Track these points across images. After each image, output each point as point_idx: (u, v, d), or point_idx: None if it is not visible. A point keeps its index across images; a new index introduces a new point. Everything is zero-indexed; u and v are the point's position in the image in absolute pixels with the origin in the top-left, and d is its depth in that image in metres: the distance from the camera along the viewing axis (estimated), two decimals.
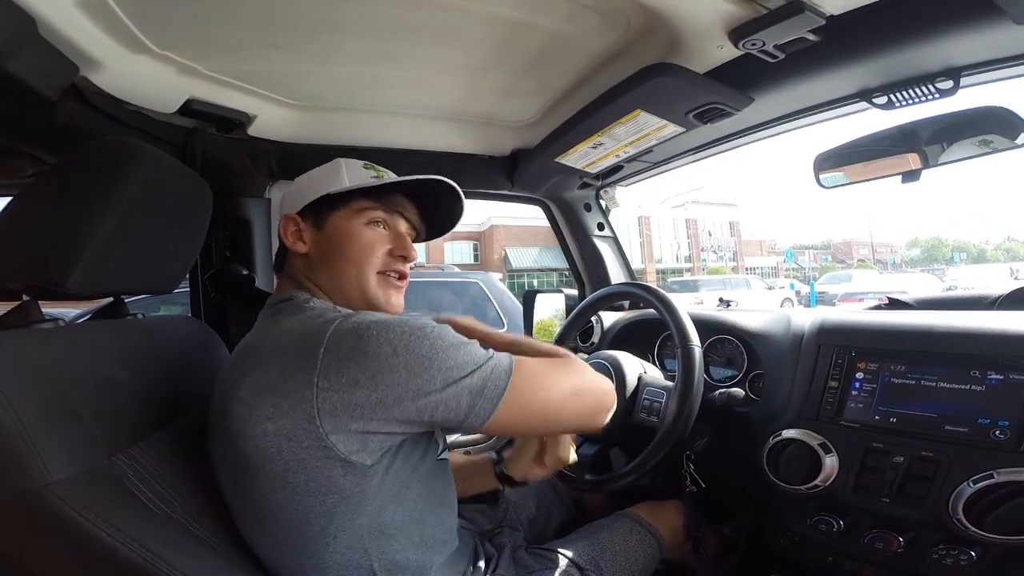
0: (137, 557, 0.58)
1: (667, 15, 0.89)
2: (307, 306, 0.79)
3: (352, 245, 0.87)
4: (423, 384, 0.67)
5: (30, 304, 0.76)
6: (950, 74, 0.93)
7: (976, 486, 0.85)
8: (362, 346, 0.66)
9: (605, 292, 1.43)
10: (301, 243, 0.88)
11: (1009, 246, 63.03)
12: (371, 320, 0.69)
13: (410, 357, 0.67)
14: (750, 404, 1.23)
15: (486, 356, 0.74)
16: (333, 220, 0.88)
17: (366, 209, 0.89)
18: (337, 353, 0.65)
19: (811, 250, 55.20)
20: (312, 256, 0.88)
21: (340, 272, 0.87)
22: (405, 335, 0.68)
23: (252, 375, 0.70)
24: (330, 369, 0.65)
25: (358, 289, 0.87)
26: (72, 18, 0.81)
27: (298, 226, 0.89)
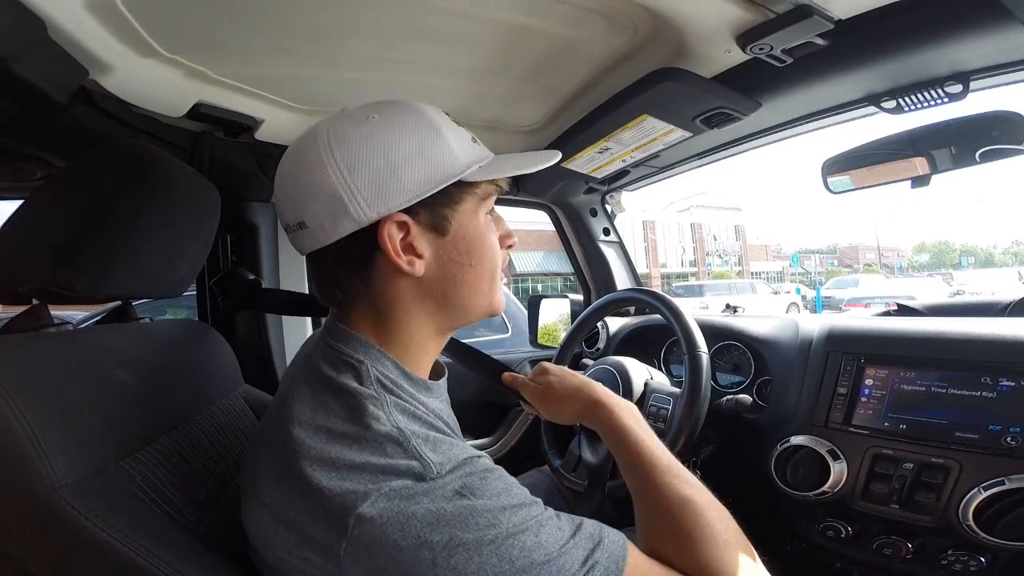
0: (144, 562, 0.58)
1: (674, 20, 0.89)
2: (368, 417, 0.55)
3: (484, 249, 0.65)
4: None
5: (39, 308, 0.76)
6: (959, 78, 0.93)
7: (987, 492, 0.85)
8: (395, 543, 0.49)
9: (611, 298, 1.42)
10: (417, 258, 0.61)
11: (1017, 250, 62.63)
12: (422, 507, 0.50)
13: (451, 571, 0.49)
14: (757, 410, 1.23)
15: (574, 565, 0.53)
16: (461, 218, 0.63)
17: (491, 194, 0.66)
18: (369, 535, 0.49)
19: (817, 254, 54.96)
20: (429, 279, 0.63)
21: (474, 290, 0.65)
22: (453, 542, 0.49)
23: (275, 493, 0.55)
24: (352, 551, 0.49)
25: (488, 305, 0.68)
26: (82, 21, 0.82)
27: (408, 230, 0.60)
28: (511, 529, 0.52)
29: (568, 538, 0.54)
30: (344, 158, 0.57)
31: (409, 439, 0.54)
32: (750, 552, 0.66)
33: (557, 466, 1.31)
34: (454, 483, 0.53)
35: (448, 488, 0.52)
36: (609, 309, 1.45)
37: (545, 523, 0.55)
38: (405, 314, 0.64)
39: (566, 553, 0.53)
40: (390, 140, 0.58)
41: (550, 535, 0.54)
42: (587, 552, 0.54)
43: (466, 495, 0.52)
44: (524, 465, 1.52)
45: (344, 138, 0.58)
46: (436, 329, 0.67)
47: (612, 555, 0.55)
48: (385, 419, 0.55)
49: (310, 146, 0.60)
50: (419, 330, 0.65)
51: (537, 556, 0.51)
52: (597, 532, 0.57)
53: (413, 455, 0.53)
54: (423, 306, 0.64)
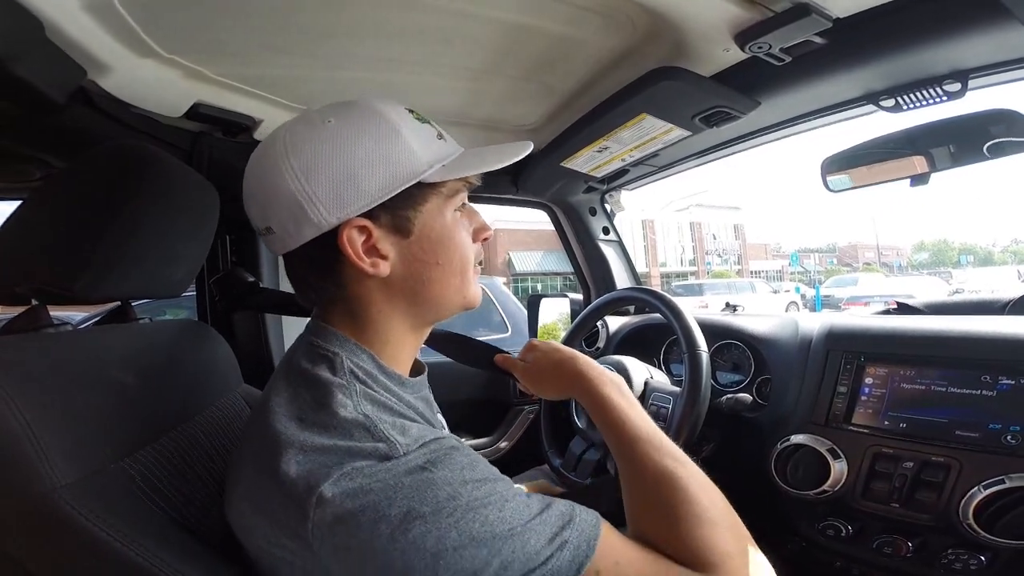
0: (144, 562, 0.58)
1: (673, 18, 0.89)
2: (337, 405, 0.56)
3: (452, 246, 0.65)
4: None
5: (38, 308, 0.76)
6: (957, 76, 0.93)
7: (987, 491, 0.85)
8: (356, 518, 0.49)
9: (611, 297, 1.42)
10: (381, 259, 0.62)
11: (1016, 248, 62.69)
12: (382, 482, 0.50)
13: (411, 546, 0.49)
14: (757, 409, 1.23)
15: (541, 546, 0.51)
16: (424, 218, 0.63)
17: (459, 192, 0.66)
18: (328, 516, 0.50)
19: (816, 253, 55.01)
20: (397, 278, 0.63)
21: (442, 288, 0.65)
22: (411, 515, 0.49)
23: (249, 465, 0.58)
24: (318, 528, 0.50)
25: (461, 299, 0.68)
26: (79, 21, 0.81)
27: (370, 234, 0.60)
28: (472, 502, 0.51)
29: (535, 515, 0.53)
30: (301, 165, 0.58)
31: (376, 424, 0.55)
32: (740, 532, 0.63)
33: (557, 465, 1.31)
34: (418, 459, 0.53)
35: (411, 463, 0.52)
36: (609, 308, 1.45)
37: (511, 499, 0.54)
38: (378, 313, 0.64)
39: (531, 529, 0.52)
40: (347, 144, 0.58)
41: (515, 510, 0.53)
42: (556, 529, 0.53)
43: (428, 468, 0.52)
44: (524, 465, 1.52)
45: (301, 144, 0.58)
46: (411, 325, 0.68)
47: (583, 533, 0.54)
48: (352, 407, 0.56)
49: (270, 152, 0.60)
50: (394, 328, 0.66)
51: (499, 529, 0.51)
52: (568, 511, 0.55)
53: (380, 438, 0.53)
54: (394, 305, 0.65)
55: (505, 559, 0.50)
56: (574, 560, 0.52)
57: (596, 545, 0.53)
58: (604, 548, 0.54)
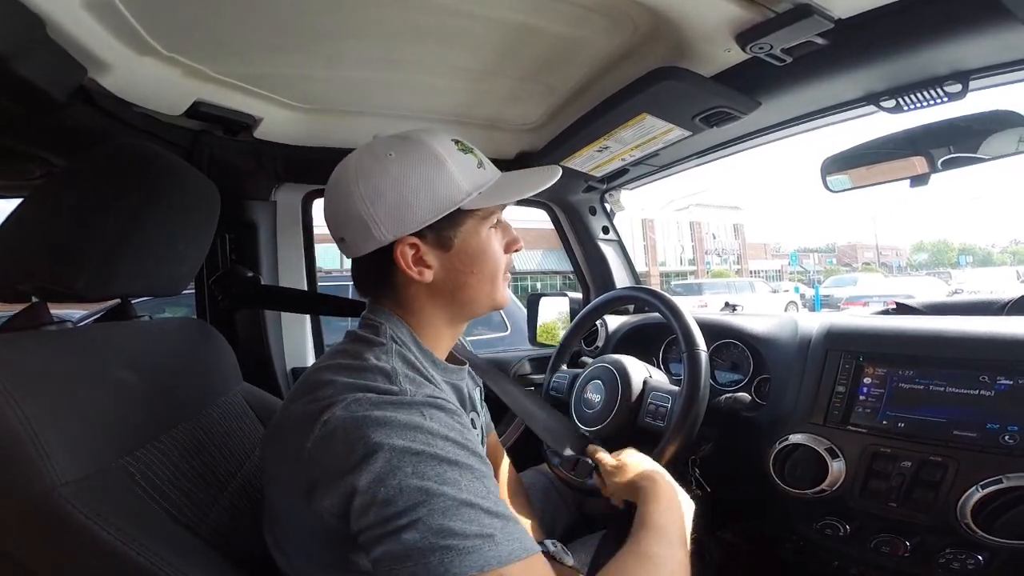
0: (144, 561, 0.58)
1: (674, 18, 0.89)
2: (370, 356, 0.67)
3: (486, 259, 0.76)
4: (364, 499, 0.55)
5: (39, 306, 0.76)
6: (958, 77, 0.93)
7: (985, 491, 0.85)
8: (346, 436, 0.57)
9: (610, 296, 1.42)
10: (427, 269, 0.74)
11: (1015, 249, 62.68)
12: (381, 413, 0.58)
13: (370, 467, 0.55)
14: (756, 408, 1.23)
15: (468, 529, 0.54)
16: (462, 235, 0.74)
17: (492, 213, 0.77)
18: (327, 431, 0.59)
19: (816, 253, 55.02)
20: (438, 282, 0.75)
21: (476, 293, 0.77)
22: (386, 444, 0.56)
23: (287, 410, 0.67)
24: (316, 444, 0.59)
25: (492, 302, 0.79)
26: (80, 20, 0.81)
27: (418, 249, 0.73)
28: (439, 454, 0.57)
29: (485, 509, 0.56)
30: (367, 192, 0.70)
31: (397, 374, 0.66)
32: None
33: (556, 464, 1.31)
34: (418, 402, 0.62)
35: (412, 402, 0.61)
36: (608, 307, 1.45)
37: (478, 477, 0.58)
38: (420, 309, 0.77)
39: (470, 510, 0.55)
40: (403, 176, 0.70)
41: (473, 487, 0.57)
42: (489, 530, 0.55)
43: (423, 413, 0.60)
44: (523, 465, 1.52)
45: (368, 174, 0.71)
46: (448, 320, 0.79)
47: (507, 547, 0.55)
48: (385, 359, 0.68)
49: (343, 179, 0.73)
50: (434, 322, 0.78)
51: (445, 489, 0.55)
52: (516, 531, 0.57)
53: (395, 383, 0.64)
54: (435, 304, 0.77)
55: (429, 514, 0.53)
56: (482, 558, 0.53)
57: (514, 562, 0.54)
58: (518, 568, 0.54)
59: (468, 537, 0.53)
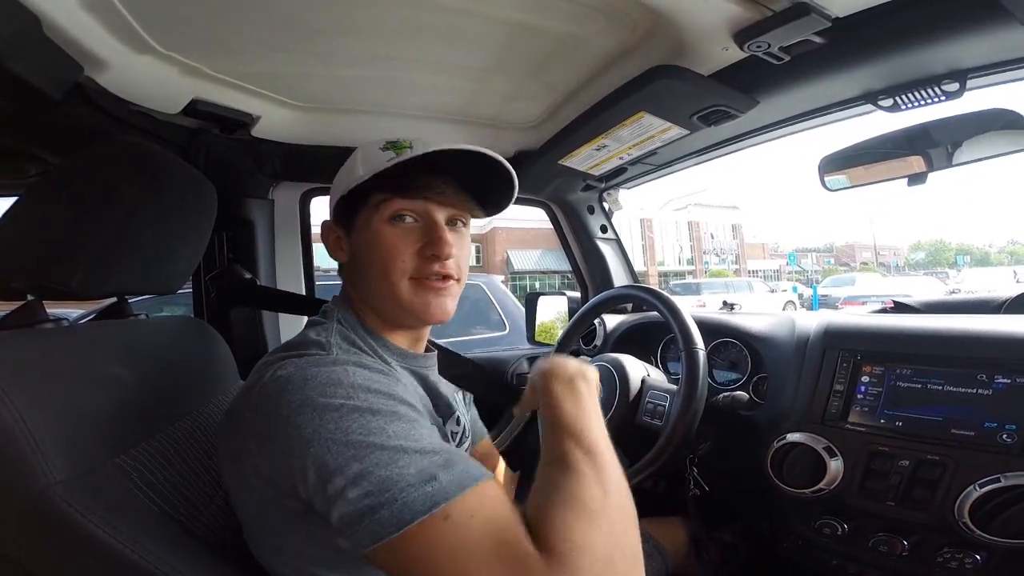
0: (139, 559, 0.58)
1: (672, 17, 0.89)
2: (311, 333, 0.71)
3: (376, 251, 0.74)
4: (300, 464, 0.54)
5: (34, 304, 0.76)
6: (956, 76, 0.93)
7: (983, 490, 0.85)
8: (273, 401, 0.58)
9: (609, 295, 1.42)
10: (341, 251, 0.81)
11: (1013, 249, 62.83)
12: (304, 372, 0.60)
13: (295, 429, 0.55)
14: (754, 407, 1.23)
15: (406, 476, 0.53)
16: (357, 223, 0.77)
17: (384, 203, 0.74)
18: (259, 400, 0.60)
19: (814, 253, 55.12)
20: (349, 265, 0.81)
21: (373, 283, 0.76)
22: (306, 402, 0.56)
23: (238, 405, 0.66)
24: (249, 415, 0.61)
25: (391, 301, 0.75)
26: (77, 18, 0.81)
27: (336, 233, 0.81)
28: (361, 406, 0.57)
29: (419, 448, 0.55)
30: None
31: (332, 345, 0.68)
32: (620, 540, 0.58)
33: None
34: (341, 360, 0.63)
35: (335, 360, 0.63)
36: (606, 306, 1.45)
37: (405, 421, 0.58)
38: (351, 296, 0.80)
39: (406, 455, 0.54)
40: (340, 174, 0.82)
41: (401, 431, 0.56)
42: (432, 469, 0.54)
43: (344, 365, 0.62)
44: (519, 465, 1.52)
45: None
46: (376, 315, 0.79)
47: (455, 480, 0.54)
48: (323, 335, 0.70)
49: None
50: (366, 310, 0.79)
51: (375, 440, 0.54)
52: (458, 459, 0.56)
53: (325, 349, 0.67)
54: (354, 288, 0.80)
55: (365, 468, 0.53)
56: (429, 498, 0.52)
57: (461, 494, 0.53)
58: (470, 499, 0.53)
59: (410, 483, 0.52)
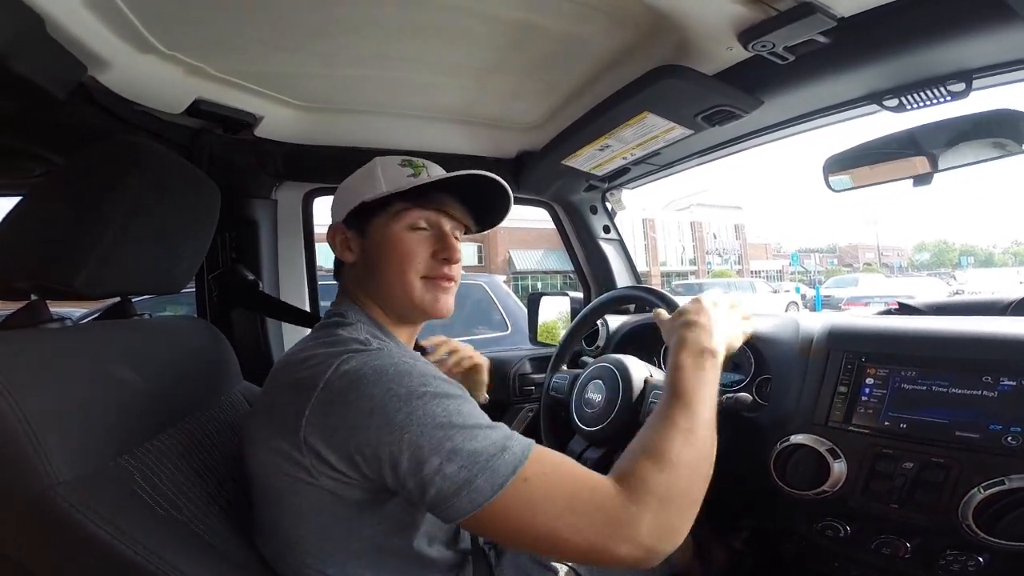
0: (142, 560, 0.58)
1: (676, 17, 0.89)
2: (343, 332, 0.76)
3: (394, 253, 0.84)
4: (391, 450, 0.62)
5: (38, 304, 0.76)
6: (962, 77, 0.92)
7: (987, 492, 0.84)
8: (346, 396, 0.64)
9: (611, 295, 1.42)
10: (349, 252, 0.87)
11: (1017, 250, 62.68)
12: (373, 366, 0.66)
13: (384, 419, 0.62)
14: (757, 409, 1.22)
15: (488, 448, 0.63)
16: (373, 227, 0.85)
17: (404, 212, 0.85)
18: (327, 395, 0.64)
19: (817, 253, 55.03)
20: (359, 265, 0.87)
21: (386, 281, 0.85)
22: (389, 393, 0.63)
23: (269, 395, 0.73)
24: (316, 409, 0.64)
25: (404, 296, 0.85)
26: (80, 17, 0.81)
27: (345, 235, 0.87)
28: (438, 391, 0.65)
29: (486, 425, 0.66)
30: (334, 198, 0.91)
31: (371, 341, 0.73)
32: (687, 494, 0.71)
33: None
34: (397, 352, 0.70)
35: (393, 352, 0.69)
36: (609, 307, 1.45)
37: (469, 403, 0.68)
38: (358, 293, 0.87)
39: (481, 431, 0.64)
40: (353, 181, 0.89)
41: (472, 412, 0.66)
42: (500, 439, 0.64)
43: (408, 358, 0.69)
44: None
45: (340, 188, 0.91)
46: (383, 312, 0.87)
47: (521, 446, 0.65)
48: (356, 332, 0.76)
49: None
50: (372, 308, 0.86)
51: (456, 420, 0.64)
52: (510, 432, 0.67)
53: (374, 345, 0.71)
54: (361, 288, 0.87)
55: (456, 445, 0.62)
56: (509, 464, 0.62)
57: (529, 456, 0.64)
58: (535, 461, 0.64)
59: (492, 453, 0.62)
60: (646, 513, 0.64)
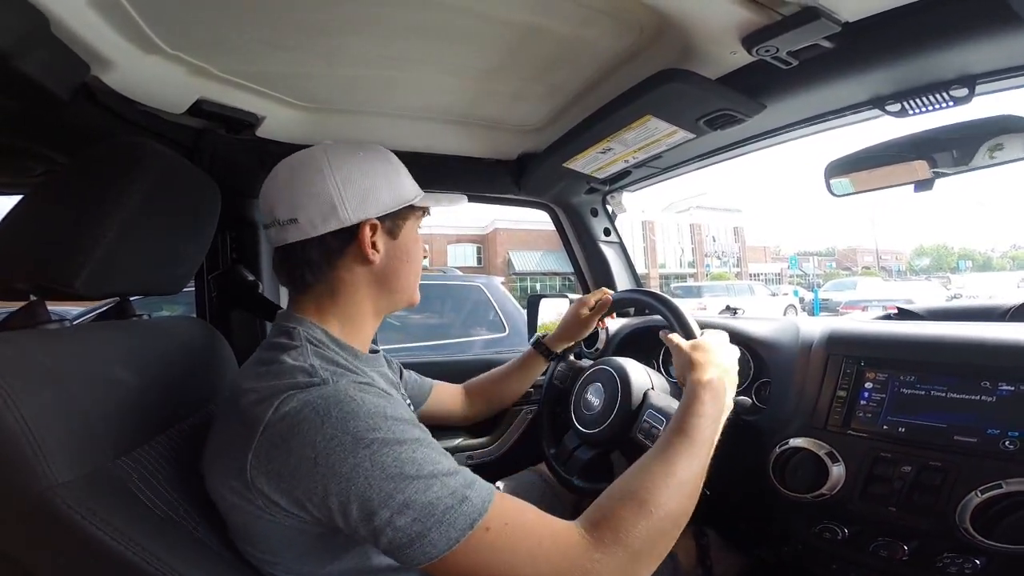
0: (141, 561, 0.58)
1: (680, 21, 0.89)
2: (287, 358, 0.69)
3: (417, 252, 0.88)
4: (339, 500, 0.59)
5: (37, 304, 0.76)
6: (965, 82, 0.92)
7: (984, 496, 0.85)
8: (288, 442, 0.60)
9: (640, 296, 1.40)
10: (375, 252, 0.81)
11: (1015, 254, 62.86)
12: (315, 407, 0.61)
13: (329, 470, 0.59)
14: (756, 412, 1.22)
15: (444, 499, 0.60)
16: (406, 229, 0.86)
17: (421, 215, 0.90)
18: (269, 439, 0.61)
19: (816, 257, 55.14)
20: (379, 265, 0.82)
21: (407, 281, 0.87)
22: (333, 441, 0.59)
23: (220, 423, 0.72)
24: (259, 453, 0.61)
25: (414, 293, 0.90)
26: (84, 17, 0.81)
27: (375, 232, 0.81)
28: (388, 437, 0.61)
29: (444, 472, 0.62)
30: (340, 176, 0.78)
31: (317, 370, 0.67)
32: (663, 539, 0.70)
33: (551, 454, 1.33)
34: (342, 390, 0.64)
35: (338, 391, 0.63)
36: (631, 304, 1.45)
37: (425, 446, 0.64)
38: (355, 293, 0.82)
39: (437, 480, 0.61)
40: (372, 169, 0.81)
41: (427, 458, 0.62)
42: (459, 488, 0.62)
43: (354, 399, 0.63)
44: (521, 464, 1.52)
45: (341, 162, 0.79)
46: (375, 309, 0.85)
47: (481, 496, 0.63)
48: (301, 359, 0.69)
49: (311, 161, 0.79)
50: (361, 310, 0.84)
51: (409, 470, 0.60)
52: (471, 478, 0.65)
53: (318, 376, 0.66)
54: (371, 288, 0.83)
55: (408, 497, 0.59)
56: (467, 516, 0.60)
57: (489, 507, 0.62)
58: (496, 510, 0.62)
59: (449, 505, 0.60)
60: (611, 561, 0.63)
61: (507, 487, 1.35)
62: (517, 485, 1.37)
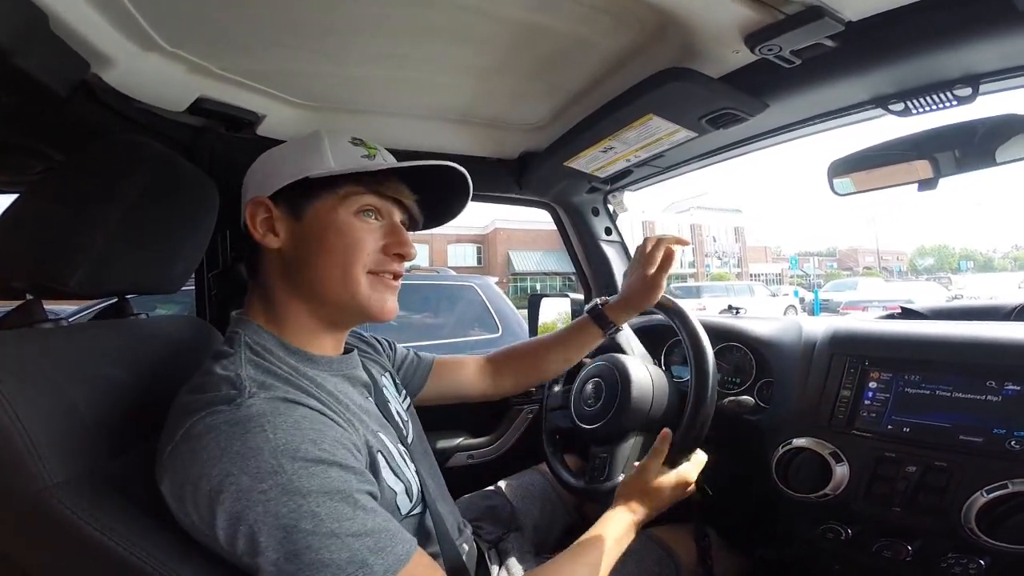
0: (137, 561, 0.57)
1: (682, 19, 0.88)
2: (218, 368, 0.65)
3: (338, 240, 0.73)
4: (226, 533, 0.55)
5: (33, 303, 0.75)
6: (969, 81, 0.92)
7: (989, 495, 0.84)
8: (187, 469, 0.56)
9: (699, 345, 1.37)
10: (273, 235, 0.74)
11: (1017, 255, 62.87)
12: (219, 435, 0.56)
13: (220, 507, 0.55)
14: (759, 412, 1.22)
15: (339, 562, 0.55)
16: (315, 209, 0.74)
17: (355, 195, 0.75)
18: (175, 456, 0.57)
19: (816, 257, 55.17)
20: (287, 253, 0.75)
21: (323, 274, 0.74)
22: (228, 480, 0.54)
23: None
24: (166, 465, 0.58)
25: (346, 294, 0.74)
26: (84, 14, 0.81)
27: (270, 213, 0.74)
28: (290, 485, 0.55)
29: (351, 532, 0.56)
30: (254, 166, 0.79)
31: (243, 381, 0.62)
32: None
33: (551, 454, 1.32)
34: (255, 413, 0.57)
35: (250, 416, 0.57)
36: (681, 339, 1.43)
37: (337, 498, 0.57)
38: (276, 289, 0.76)
39: (337, 540, 0.55)
40: (281, 154, 0.78)
41: (332, 512, 0.56)
42: (363, 555, 0.56)
43: (266, 427, 0.56)
44: (521, 464, 1.52)
45: (264, 156, 0.79)
46: (308, 310, 0.76)
47: (387, 565, 0.57)
48: (231, 368, 0.64)
49: None
50: (291, 310, 0.76)
51: (305, 524, 0.54)
52: (387, 542, 0.59)
53: (237, 387, 0.61)
54: (284, 282, 0.75)
55: (298, 550, 0.54)
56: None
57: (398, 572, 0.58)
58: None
59: (341, 568, 0.55)
60: None
61: (509, 487, 1.35)
62: (519, 485, 1.36)
